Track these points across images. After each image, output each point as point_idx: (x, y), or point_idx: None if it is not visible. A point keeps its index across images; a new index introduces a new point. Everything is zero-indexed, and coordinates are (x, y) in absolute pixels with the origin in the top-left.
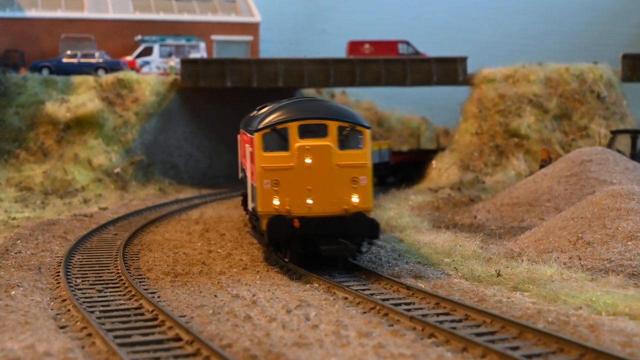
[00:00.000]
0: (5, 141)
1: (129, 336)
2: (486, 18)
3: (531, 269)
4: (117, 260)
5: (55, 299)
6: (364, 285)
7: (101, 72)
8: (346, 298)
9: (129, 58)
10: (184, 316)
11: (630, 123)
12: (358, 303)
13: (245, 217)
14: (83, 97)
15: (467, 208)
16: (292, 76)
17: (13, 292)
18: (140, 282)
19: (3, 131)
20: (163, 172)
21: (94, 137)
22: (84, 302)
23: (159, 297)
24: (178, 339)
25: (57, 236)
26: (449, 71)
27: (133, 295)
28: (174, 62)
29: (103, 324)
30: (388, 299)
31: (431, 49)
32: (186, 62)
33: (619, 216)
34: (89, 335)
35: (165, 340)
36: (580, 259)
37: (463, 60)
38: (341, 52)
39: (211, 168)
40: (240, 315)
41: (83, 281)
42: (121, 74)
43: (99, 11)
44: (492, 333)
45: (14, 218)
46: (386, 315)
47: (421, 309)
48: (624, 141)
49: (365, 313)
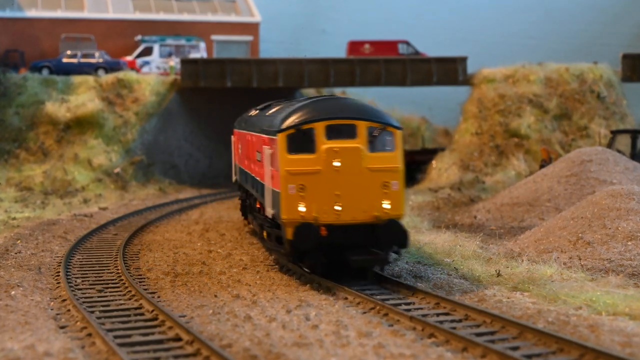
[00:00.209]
0: (5, 141)
1: (129, 336)
2: (486, 18)
3: (531, 269)
4: (117, 260)
5: (55, 299)
6: (364, 285)
7: (101, 72)
8: (346, 298)
9: (129, 58)
10: (184, 316)
11: (630, 123)
12: (358, 303)
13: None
14: (83, 97)
15: (467, 208)
16: (292, 76)
17: (13, 292)
18: (140, 282)
19: (3, 131)
20: (163, 172)
21: (94, 137)
22: (84, 302)
23: (159, 297)
24: (178, 339)
25: (57, 236)
26: (449, 71)
27: (133, 295)
28: (174, 62)
29: (103, 324)
30: (388, 299)
31: (431, 49)
32: (186, 62)
33: (619, 216)
34: (89, 335)
35: (165, 340)
36: (580, 259)
37: (463, 60)
38: (341, 52)
39: (211, 168)
40: (240, 315)
41: (83, 281)
42: (121, 74)
43: (99, 11)
44: (492, 333)
45: (14, 218)
46: (386, 315)
47: (421, 309)
48: (624, 141)
49: (365, 313)
